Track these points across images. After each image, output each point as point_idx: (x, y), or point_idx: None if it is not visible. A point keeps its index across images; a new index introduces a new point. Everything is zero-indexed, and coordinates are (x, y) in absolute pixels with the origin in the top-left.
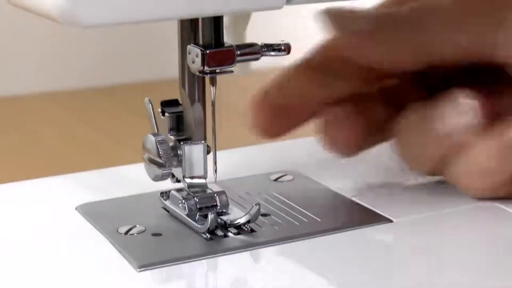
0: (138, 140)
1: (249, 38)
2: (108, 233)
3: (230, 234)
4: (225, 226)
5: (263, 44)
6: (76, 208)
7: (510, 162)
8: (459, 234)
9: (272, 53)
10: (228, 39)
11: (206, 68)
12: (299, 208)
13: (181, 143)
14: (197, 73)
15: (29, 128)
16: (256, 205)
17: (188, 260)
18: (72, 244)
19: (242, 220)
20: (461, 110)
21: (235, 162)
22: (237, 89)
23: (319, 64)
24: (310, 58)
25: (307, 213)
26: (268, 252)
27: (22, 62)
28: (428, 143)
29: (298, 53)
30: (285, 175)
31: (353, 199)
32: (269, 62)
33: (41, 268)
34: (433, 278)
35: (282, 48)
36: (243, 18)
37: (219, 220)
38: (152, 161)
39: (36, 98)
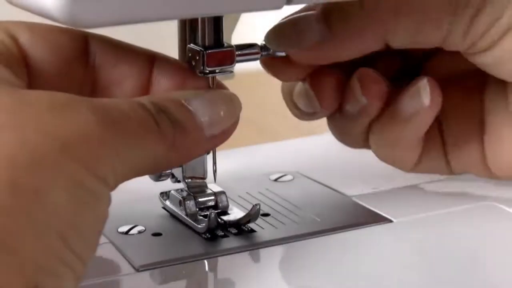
0: None
1: (249, 38)
2: (108, 233)
3: (230, 234)
4: (225, 226)
5: (262, 44)
6: None
7: None
8: (459, 234)
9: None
10: None
11: (206, 68)
12: (299, 208)
13: None
14: (197, 73)
15: None
16: (256, 205)
17: (188, 260)
18: None
19: (242, 220)
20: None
21: (235, 162)
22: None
23: None
24: None
25: (307, 213)
26: (268, 252)
27: None
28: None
29: None
30: (285, 175)
31: (353, 199)
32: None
33: None
34: (433, 278)
35: None
36: (231, 20)
37: (219, 220)
38: None
39: None
